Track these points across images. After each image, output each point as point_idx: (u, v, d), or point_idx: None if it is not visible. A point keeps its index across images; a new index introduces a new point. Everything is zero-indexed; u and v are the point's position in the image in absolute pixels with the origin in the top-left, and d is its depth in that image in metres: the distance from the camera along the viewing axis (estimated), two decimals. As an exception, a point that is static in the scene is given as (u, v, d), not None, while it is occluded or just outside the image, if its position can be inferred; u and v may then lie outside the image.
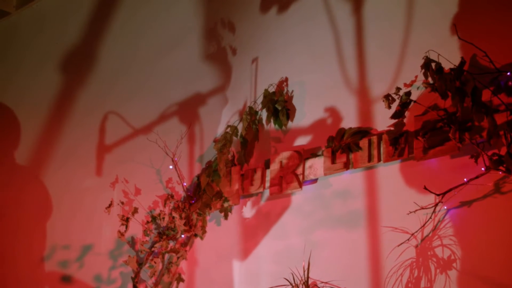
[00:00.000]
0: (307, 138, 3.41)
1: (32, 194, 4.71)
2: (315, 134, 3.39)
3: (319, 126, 3.39)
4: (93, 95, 4.53)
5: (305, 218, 3.34)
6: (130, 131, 4.24)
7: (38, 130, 4.78)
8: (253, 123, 3.55)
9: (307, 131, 3.42)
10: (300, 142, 3.43)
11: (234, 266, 3.55)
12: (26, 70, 5.03)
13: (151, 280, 3.75)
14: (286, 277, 3.12)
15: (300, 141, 3.43)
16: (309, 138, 3.40)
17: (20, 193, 4.79)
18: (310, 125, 3.42)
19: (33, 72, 4.98)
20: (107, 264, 4.11)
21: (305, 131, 3.43)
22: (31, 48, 5.08)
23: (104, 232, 4.17)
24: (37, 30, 5.09)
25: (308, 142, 3.39)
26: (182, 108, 4.01)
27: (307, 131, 3.42)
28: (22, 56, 5.12)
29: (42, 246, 4.50)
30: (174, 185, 3.88)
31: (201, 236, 3.69)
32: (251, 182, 3.52)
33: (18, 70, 5.10)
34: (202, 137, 3.88)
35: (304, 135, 3.43)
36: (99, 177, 4.31)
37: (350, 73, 3.33)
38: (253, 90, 3.66)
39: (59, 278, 4.34)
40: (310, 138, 3.40)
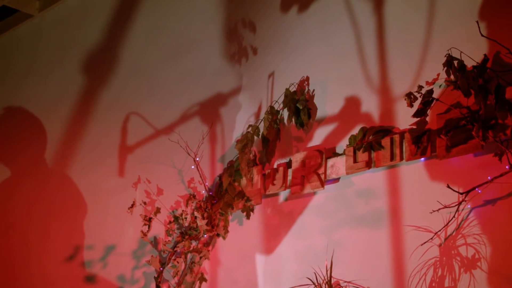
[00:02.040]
0: (328, 137, 3.40)
1: (57, 195, 4.74)
2: (337, 133, 3.38)
3: (340, 125, 3.37)
4: (115, 95, 4.56)
5: (328, 217, 3.33)
6: (151, 132, 4.25)
7: (61, 131, 4.82)
8: (275, 123, 3.55)
9: (329, 130, 3.41)
10: (321, 141, 3.42)
11: (257, 266, 3.55)
12: (49, 71, 5.07)
13: (174, 280, 3.76)
14: (309, 277, 3.11)
15: (322, 140, 3.42)
16: (331, 137, 3.39)
17: (46, 194, 4.83)
18: (332, 124, 3.41)
19: (56, 73, 5.02)
20: (130, 264, 4.13)
21: (327, 130, 3.42)
22: (54, 50, 5.12)
23: (127, 232, 4.19)
24: (60, 32, 5.13)
25: (330, 141, 3.38)
26: (203, 108, 4.02)
27: (328, 130, 3.41)
28: (45, 58, 5.16)
29: (67, 246, 4.53)
30: (196, 185, 3.89)
31: (224, 236, 3.69)
32: (272, 181, 3.52)
33: (41, 72, 5.14)
34: (223, 137, 3.89)
35: (325, 134, 3.42)
36: (121, 178, 4.34)
37: (371, 71, 3.31)
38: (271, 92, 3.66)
39: (83, 278, 4.37)
40: (332, 137, 3.39)
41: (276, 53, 3.75)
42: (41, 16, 5.25)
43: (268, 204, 3.58)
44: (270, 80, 3.73)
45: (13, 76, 5.34)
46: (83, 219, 4.51)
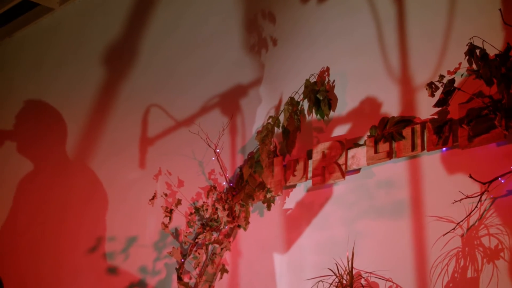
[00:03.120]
0: (349, 127, 3.39)
1: (79, 187, 4.77)
2: (357, 124, 3.36)
3: (361, 116, 3.36)
4: (135, 87, 4.57)
5: (349, 208, 3.32)
6: (172, 124, 4.26)
7: (82, 124, 4.85)
8: (295, 114, 3.54)
9: (349, 121, 3.40)
10: (342, 132, 3.41)
11: (278, 257, 3.55)
12: (70, 65, 5.10)
13: (195, 271, 3.77)
14: (330, 268, 3.11)
15: (342, 131, 3.41)
16: (351, 127, 3.38)
17: (67, 186, 4.86)
18: (352, 115, 3.39)
19: (77, 66, 5.04)
20: (152, 256, 4.14)
21: (347, 120, 3.41)
22: (74, 43, 5.14)
23: (148, 224, 4.21)
24: (80, 25, 5.15)
25: (350, 132, 3.37)
26: (223, 100, 4.02)
27: (349, 120, 3.40)
28: (65, 51, 5.19)
29: (89, 238, 4.56)
30: (216, 176, 3.90)
31: (244, 227, 3.70)
32: (293, 172, 3.51)
33: (62, 65, 5.17)
34: (243, 128, 3.89)
35: (346, 124, 3.41)
36: (142, 170, 4.35)
37: (392, 61, 3.29)
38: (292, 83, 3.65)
39: (105, 269, 4.40)
40: (352, 127, 3.38)
41: (296, 44, 3.74)
42: (62, 9, 5.28)
43: (289, 195, 3.57)
44: (290, 71, 3.72)
45: (34, 70, 5.37)
46: (104, 211, 4.53)
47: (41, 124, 5.17)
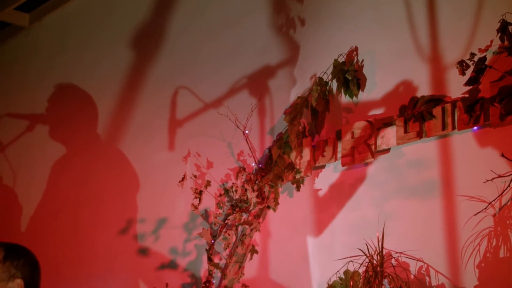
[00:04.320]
0: (378, 107, 3.37)
1: (109, 169, 4.81)
2: (387, 104, 3.34)
3: (390, 95, 3.33)
4: (164, 70, 4.58)
5: (379, 188, 3.31)
6: (200, 105, 4.27)
7: (112, 107, 4.88)
8: (324, 94, 3.52)
9: (379, 101, 3.37)
10: (371, 112, 3.38)
11: (308, 237, 3.56)
12: (98, 48, 5.12)
13: (225, 252, 3.79)
14: (360, 248, 3.10)
15: (372, 111, 3.38)
16: (381, 107, 3.36)
17: (98, 169, 4.90)
18: (382, 95, 3.37)
19: (105, 49, 5.06)
20: (182, 237, 4.17)
21: (377, 100, 3.38)
22: (103, 27, 5.16)
23: (178, 205, 4.23)
24: (108, 9, 5.16)
25: (380, 112, 3.35)
26: (251, 81, 4.02)
27: (378, 100, 3.37)
28: (94, 34, 5.21)
29: (120, 220, 4.60)
30: (245, 157, 3.90)
31: (274, 208, 3.70)
32: (322, 153, 3.50)
33: (90, 48, 5.19)
34: (272, 109, 3.88)
35: (375, 104, 3.38)
36: (171, 152, 4.37)
37: (421, 40, 3.25)
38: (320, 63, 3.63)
39: (136, 250, 4.44)
40: (382, 107, 3.35)
41: (324, 24, 3.71)
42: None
43: (318, 176, 3.57)
44: (318, 51, 3.69)
45: (62, 53, 5.41)
46: (135, 193, 4.57)
47: (72, 107, 5.21)
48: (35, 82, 5.57)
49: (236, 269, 3.76)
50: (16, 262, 2.42)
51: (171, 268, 4.19)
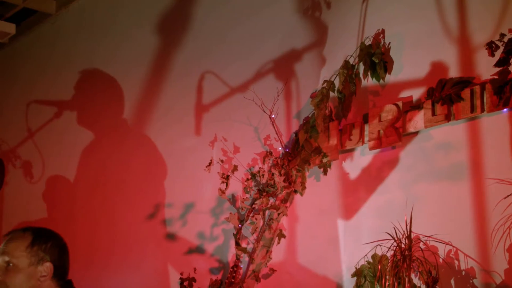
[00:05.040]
0: (406, 90, 3.33)
1: (136, 154, 4.84)
2: (415, 86, 3.30)
3: (418, 78, 3.30)
4: (189, 55, 4.58)
5: (406, 171, 3.28)
6: (226, 90, 4.27)
7: (138, 92, 4.89)
8: (350, 77, 3.50)
9: (406, 83, 3.34)
10: (399, 95, 3.35)
11: (335, 222, 3.55)
12: (124, 33, 5.14)
13: (253, 236, 3.80)
14: (388, 231, 3.09)
15: (399, 93, 3.35)
16: (408, 90, 3.32)
17: (126, 154, 4.93)
18: (409, 77, 3.33)
19: (131, 34, 5.07)
20: (209, 222, 4.19)
21: (404, 83, 3.35)
22: (128, 11, 5.16)
23: (205, 190, 4.24)
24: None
25: (407, 95, 3.31)
26: (277, 65, 4.00)
27: (405, 83, 3.34)
28: (120, 20, 5.22)
29: (147, 205, 4.63)
30: (272, 142, 3.90)
31: (301, 192, 3.69)
32: (349, 137, 3.49)
33: (117, 34, 5.21)
34: (298, 93, 3.86)
35: (403, 87, 3.35)
36: (198, 137, 4.38)
37: (450, 20, 3.21)
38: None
39: (164, 235, 4.47)
40: (409, 90, 3.32)
41: (350, 6, 3.68)
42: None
43: (345, 160, 3.55)
44: (344, 34, 3.66)
45: (90, 40, 5.43)
46: (162, 178, 4.59)
47: (99, 93, 5.24)
48: (62, 68, 5.61)
49: (264, 254, 3.77)
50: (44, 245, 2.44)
51: (198, 252, 4.22)
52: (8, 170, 6.01)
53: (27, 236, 2.45)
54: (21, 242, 2.43)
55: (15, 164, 5.93)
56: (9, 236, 2.47)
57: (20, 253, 2.41)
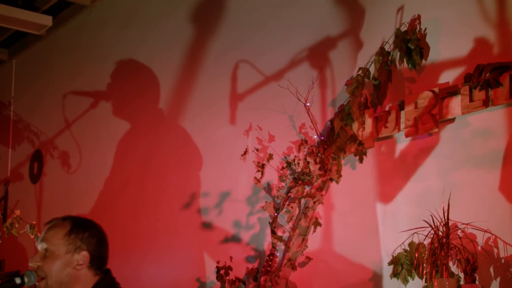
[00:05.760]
0: (442, 76, 3.29)
1: (172, 144, 4.87)
2: (451, 72, 3.26)
3: (455, 64, 3.25)
4: (224, 44, 4.58)
5: (443, 159, 3.24)
6: (261, 79, 4.26)
7: (173, 82, 4.91)
8: (386, 64, 3.46)
9: (443, 70, 3.29)
10: (435, 81, 3.31)
11: (371, 210, 3.52)
12: (159, 23, 5.15)
13: (289, 225, 3.79)
14: (425, 219, 3.06)
15: (436, 80, 3.31)
16: (445, 76, 3.28)
17: (161, 144, 4.96)
18: (446, 63, 3.29)
19: (166, 24, 5.08)
20: (245, 210, 4.19)
21: (440, 69, 3.30)
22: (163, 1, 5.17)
23: (240, 179, 4.25)
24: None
25: (444, 81, 3.27)
26: (312, 53, 3.98)
27: (442, 69, 3.30)
28: (155, 10, 5.23)
29: (183, 194, 4.66)
30: (307, 130, 3.88)
31: (337, 180, 3.68)
32: (385, 124, 3.46)
33: (151, 24, 5.23)
34: (333, 81, 3.84)
35: (439, 73, 3.30)
36: (233, 126, 4.38)
37: (487, 4, 3.15)
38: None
39: (200, 224, 4.49)
40: (446, 76, 3.27)
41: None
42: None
43: (381, 148, 3.52)
44: (379, 20, 3.63)
45: (125, 31, 5.46)
46: (198, 167, 4.61)
47: (134, 83, 5.27)
48: (98, 59, 5.66)
49: (300, 242, 3.76)
50: (81, 234, 2.47)
51: (234, 241, 4.23)
52: (46, 160, 6.10)
53: (66, 225, 2.47)
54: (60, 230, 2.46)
55: (53, 155, 6.01)
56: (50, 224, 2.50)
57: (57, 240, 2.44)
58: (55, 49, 6.23)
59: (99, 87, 5.55)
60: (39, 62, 6.42)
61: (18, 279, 2.38)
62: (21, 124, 6.42)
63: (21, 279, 2.39)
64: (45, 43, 6.27)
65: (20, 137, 6.40)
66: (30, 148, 6.28)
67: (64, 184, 5.85)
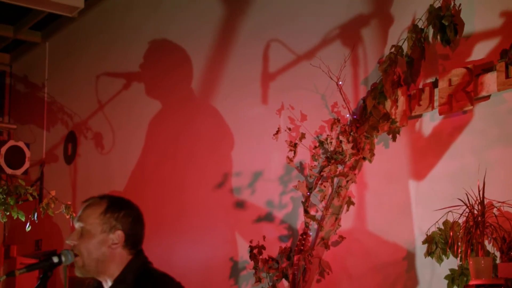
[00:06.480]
0: (477, 53, 3.24)
1: (204, 124, 4.88)
2: (487, 48, 3.20)
3: (490, 40, 3.20)
4: (255, 24, 4.56)
5: (478, 136, 3.21)
6: (292, 58, 4.24)
7: (205, 62, 4.91)
8: (419, 41, 3.42)
9: (478, 46, 3.24)
10: (470, 58, 3.26)
11: (405, 188, 3.50)
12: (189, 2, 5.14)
13: (322, 204, 3.79)
14: (460, 198, 3.03)
15: (470, 56, 3.26)
16: (480, 53, 3.23)
17: (194, 124, 4.98)
18: (481, 39, 3.23)
19: (196, 3, 5.07)
20: (278, 190, 4.20)
21: (476, 45, 3.25)
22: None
23: (273, 158, 4.25)
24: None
25: (479, 57, 3.22)
26: (344, 31, 3.94)
27: (477, 45, 3.24)
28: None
29: (216, 174, 4.67)
30: (339, 109, 3.86)
31: (370, 159, 3.66)
32: (418, 102, 3.42)
33: (181, 4, 5.22)
34: (365, 59, 3.81)
35: (474, 50, 3.25)
36: (265, 105, 4.38)
37: (524, -21, 3.10)
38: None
39: (233, 203, 4.50)
40: (481, 52, 3.22)
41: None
42: None
43: (415, 126, 3.49)
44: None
45: (157, 11, 5.47)
46: (230, 146, 4.62)
47: (166, 63, 5.29)
48: (130, 40, 5.68)
49: (333, 221, 3.76)
50: (117, 214, 2.47)
51: (267, 220, 4.24)
52: (80, 142, 6.16)
53: (102, 204, 2.49)
54: (96, 209, 2.47)
55: (86, 136, 6.07)
56: (86, 202, 2.52)
57: (93, 219, 2.45)
58: (87, 31, 6.27)
59: (131, 67, 5.57)
60: (72, 44, 6.47)
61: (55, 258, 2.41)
62: (55, 106, 6.49)
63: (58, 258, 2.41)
64: (77, 25, 6.31)
65: (54, 118, 6.47)
66: (64, 129, 6.35)
67: (97, 165, 5.90)
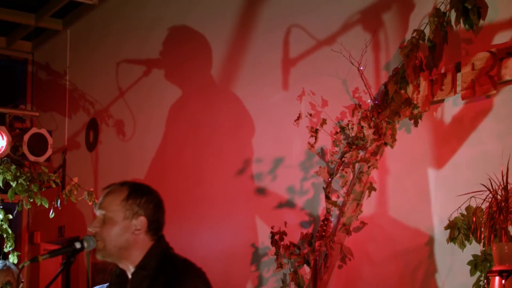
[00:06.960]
0: (501, 36, 3.20)
1: (224, 110, 4.87)
2: (511, 31, 3.16)
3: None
4: (275, 9, 4.54)
5: (502, 121, 3.17)
6: (313, 43, 4.22)
7: (225, 48, 4.90)
8: (441, 25, 3.38)
9: (502, 29, 3.20)
10: (494, 42, 3.22)
11: (427, 174, 3.48)
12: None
13: (343, 189, 3.77)
14: (483, 183, 3.00)
15: (494, 40, 3.22)
16: (504, 36, 3.19)
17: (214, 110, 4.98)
18: (505, 22, 3.19)
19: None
20: (299, 176, 4.19)
21: (499, 29, 3.21)
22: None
23: (294, 144, 4.24)
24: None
25: (503, 41, 3.18)
26: (365, 16, 3.91)
27: (501, 28, 3.20)
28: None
29: (236, 160, 4.67)
30: (361, 94, 3.84)
31: (391, 144, 3.64)
32: (441, 87, 3.39)
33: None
34: (387, 44, 3.78)
35: (498, 33, 3.21)
36: (285, 91, 4.36)
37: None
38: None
39: (254, 190, 4.50)
40: (505, 36, 3.18)
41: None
42: None
43: (437, 111, 3.46)
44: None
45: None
46: (251, 133, 4.61)
47: (186, 49, 5.28)
48: (151, 27, 5.67)
49: (354, 207, 3.75)
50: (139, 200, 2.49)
51: (288, 206, 4.24)
52: (102, 129, 6.19)
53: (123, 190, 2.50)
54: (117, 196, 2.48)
55: (108, 123, 6.09)
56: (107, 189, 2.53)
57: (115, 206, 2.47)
58: (108, 18, 6.28)
59: (151, 54, 5.57)
60: (93, 32, 6.48)
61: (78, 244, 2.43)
62: (77, 93, 6.51)
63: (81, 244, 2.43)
64: (98, 12, 6.31)
65: (76, 106, 6.51)
66: (85, 116, 6.38)
67: (119, 152, 5.93)
